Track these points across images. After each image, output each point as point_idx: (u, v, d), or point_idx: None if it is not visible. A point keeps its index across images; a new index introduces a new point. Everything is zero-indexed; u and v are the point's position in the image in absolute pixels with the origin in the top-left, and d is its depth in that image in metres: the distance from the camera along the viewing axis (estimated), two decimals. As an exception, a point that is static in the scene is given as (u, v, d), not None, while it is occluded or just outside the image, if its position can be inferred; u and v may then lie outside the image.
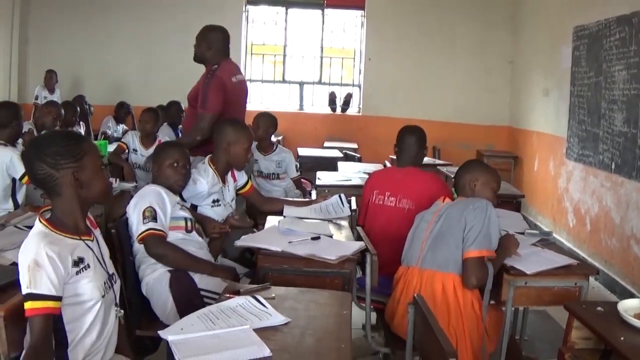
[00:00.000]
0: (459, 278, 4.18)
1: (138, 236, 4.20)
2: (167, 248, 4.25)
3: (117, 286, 3.20)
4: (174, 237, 4.33)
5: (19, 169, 5.57)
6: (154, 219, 4.21)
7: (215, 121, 5.69)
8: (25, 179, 5.62)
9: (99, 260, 3.10)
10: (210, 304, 3.62)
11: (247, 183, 5.54)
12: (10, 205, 5.83)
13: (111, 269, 3.21)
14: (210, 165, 5.22)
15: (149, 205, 4.23)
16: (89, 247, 3.06)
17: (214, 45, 5.99)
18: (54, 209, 3.01)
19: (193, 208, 5.00)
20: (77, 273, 2.91)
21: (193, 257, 4.37)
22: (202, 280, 4.29)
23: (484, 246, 4.12)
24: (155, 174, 4.66)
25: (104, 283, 3.05)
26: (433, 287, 4.18)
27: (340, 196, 5.38)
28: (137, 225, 4.21)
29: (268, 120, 7.73)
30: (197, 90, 5.96)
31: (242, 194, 5.58)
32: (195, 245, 4.47)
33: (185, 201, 4.96)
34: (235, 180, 5.44)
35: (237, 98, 6.10)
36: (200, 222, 4.81)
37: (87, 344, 2.96)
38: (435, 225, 4.35)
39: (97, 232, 3.27)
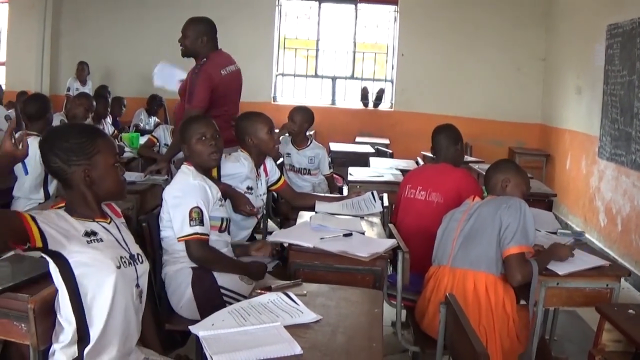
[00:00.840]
0: (492, 277, 4.16)
1: (182, 237, 4.15)
2: (210, 253, 4.22)
3: (140, 267, 3.17)
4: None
5: None
6: (201, 222, 4.13)
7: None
8: None
9: (116, 240, 3.11)
10: (229, 302, 3.64)
11: (279, 179, 5.50)
12: (41, 195, 5.85)
13: (134, 250, 3.20)
14: (248, 157, 5.20)
15: (196, 206, 4.14)
16: (103, 227, 3.09)
17: (203, 38, 5.92)
18: (67, 199, 3.05)
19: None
20: (87, 243, 2.94)
21: (232, 261, 4.39)
22: (221, 278, 4.28)
23: (523, 242, 4.09)
24: (187, 154, 4.58)
25: (121, 257, 3.04)
26: (464, 286, 4.16)
27: (372, 192, 5.36)
28: (182, 224, 4.13)
29: (304, 115, 7.60)
30: (185, 84, 5.96)
31: (275, 190, 5.58)
32: (224, 244, 4.47)
33: (220, 178, 4.93)
34: (267, 175, 5.42)
35: (227, 90, 6.03)
36: (231, 197, 4.85)
37: (105, 320, 2.95)
38: (466, 224, 4.33)
39: (120, 221, 3.29)
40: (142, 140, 8.64)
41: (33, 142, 5.89)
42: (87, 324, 2.92)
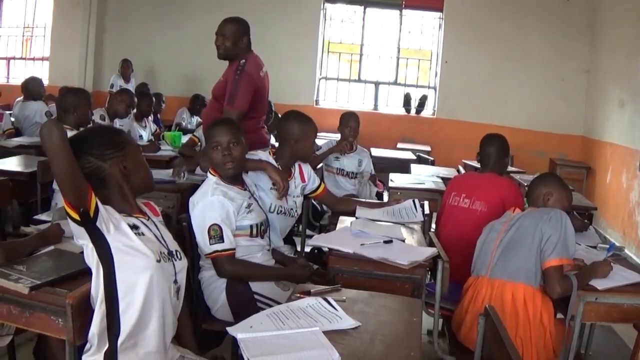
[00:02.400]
0: (530, 289, 4.12)
1: (206, 255, 4.16)
2: (237, 266, 4.21)
3: (178, 264, 3.20)
4: (237, 243, 4.27)
5: None
6: (220, 238, 4.11)
7: (241, 119, 5.60)
8: None
9: (155, 236, 3.14)
10: (263, 309, 3.63)
11: (319, 186, 5.41)
12: None
13: (173, 247, 3.23)
14: (272, 157, 5.13)
15: (213, 223, 4.12)
16: (142, 222, 3.13)
17: (243, 38, 5.84)
18: (103, 200, 3.01)
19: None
20: (135, 234, 2.99)
21: (266, 270, 4.39)
22: (255, 285, 4.27)
23: (564, 255, 4.06)
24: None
25: (161, 252, 3.07)
26: (503, 297, 4.13)
27: (414, 201, 5.32)
28: (204, 244, 4.13)
29: (357, 120, 7.69)
30: (222, 84, 5.84)
31: (315, 197, 5.52)
32: (259, 249, 4.45)
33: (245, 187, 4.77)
34: (304, 181, 5.32)
35: (264, 92, 5.99)
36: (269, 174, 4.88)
37: (140, 312, 2.97)
38: (506, 235, 4.31)
39: (157, 219, 3.33)
40: (184, 139, 8.66)
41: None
42: (119, 312, 2.94)
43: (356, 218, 4.98)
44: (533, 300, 4.12)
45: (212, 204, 4.19)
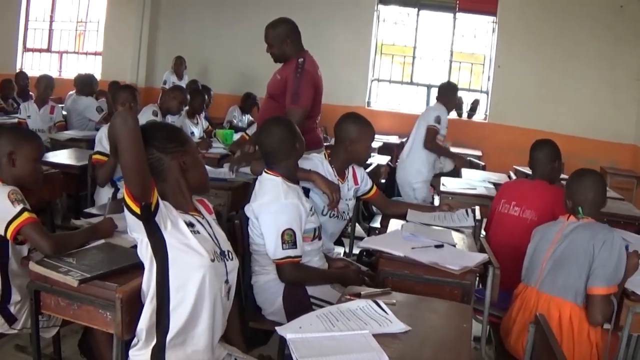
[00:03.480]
0: (577, 308, 4.07)
1: (275, 259, 4.13)
2: (302, 273, 4.22)
3: (230, 264, 3.21)
4: None
5: None
6: (294, 244, 4.10)
7: (305, 116, 5.66)
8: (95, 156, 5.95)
9: (209, 235, 3.16)
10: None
11: (371, 188, 5.36)
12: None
13: (225, 247, 3.24)
14: (326, 159, 5.08)
15: (289, 227, 4.09)
16: (198, 221, 3.15)
17: (286, 40, 5.85)
18: (161, 193, 3.03)
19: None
20: (191, 232, 3.02)
21: (322, 273, 4.40)
22: (312, 287, 4.27)
23: (613, 283, 3.98)
24: (279, 159, 4.45)
25: (214, 252, 3.09)
26: (549, 313, 4.04)
27: (467, 210, 5.25)
28: (275, 247, 4.10)
29: None
30: (279, 82, 5.87)
31: (367, 199, 5.47)
32: (316, 252, 4.44)
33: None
34: (357, 183, 5.27)
35: (321, 92, 5.99)
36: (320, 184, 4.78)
37: (191, 311, 2.98)
38: (559, 247, 4.22)
39: (210, 218, 3.34)
40: (236, 137, 8.67)
41: (101, 129, 6.05)
42: (169, 309, 2.96)
43: (407, 221, 4.94)
44: (579, 319, 4.07)
45: (287, 207, 4.18)
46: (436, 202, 6.82)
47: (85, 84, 10.45)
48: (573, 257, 4.11)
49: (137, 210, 2.83)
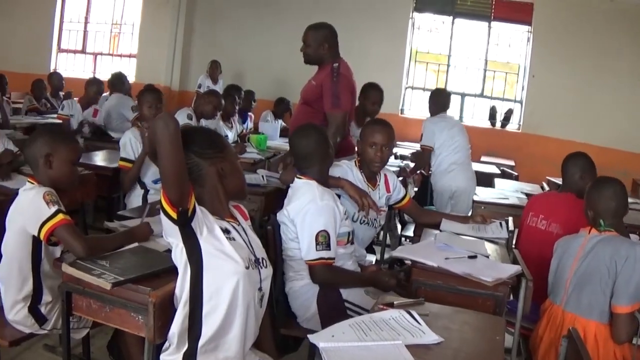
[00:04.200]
0: (602, 326, 4.05)
1: (308, 260, 4.13)
2: (334, 275, 4.21)
3: (264, 271, 3.21)
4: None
5: None
6: (328, 245, 4.10)
7: (346, 119, 5.71)
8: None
9: (244, 241, 3.15)
10: (351, 316, 3.60)
11: (404, 197, 5.30)
12: (159, 186, 5.97)
13: (259, 254, 3.23)
14: (356, 166, 5.05)
15: (323, 229, 4.10)
16: (233, 227, 3.14)
17: (324, 45, 5.89)
18: (198, 198, 3.03)
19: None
20: (227, 238, 3.01)
21: (355, 276, 4.39)
22: (346, 292, 4.25)
23: (637, 299, 3.95)
24: (317, 162, 4.47)
25: (249, 259, 3.08)
26: (574, 332, 4.06)
27: (501, 223, 5.21)
28: (309, 248, 4.10)
29: None
30: (314, 88, 5.89)
31: (400, 207, 5.42)
32: (349, 257, 4.44)
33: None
34: (389, 191, 5.21)
35: (355, 96, 6.09)
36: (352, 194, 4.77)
37: (224, 317, 2.98)
38: (582, 262, 4.19)
39: (246, 224, 3.34)
40: (269, 143, 8.70)
41: (125, 134, 6.09)
42: (202, 315, 2.96)
43: (440, 231, 4.92)
44: (605, 339, 4.05)
45: (323, 209, 4.17)
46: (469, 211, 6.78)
47: (117, 79, 10.52)
48: (596, 274, 4.08)
49: (174, 215, 2.83)
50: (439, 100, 8.35)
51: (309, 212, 4.15)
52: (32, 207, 3.55)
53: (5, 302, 3.77)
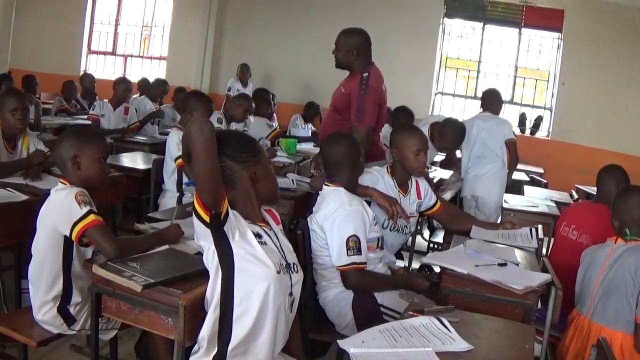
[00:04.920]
0: (629, 337, 4.03)
1: (339, 266, 4.13)
2: (367, 279, 4.20)
3: (295, 276, 3.20)
4: None
5: None
6: (359, 250, 4.09)
7: (369, 134, 5.66)
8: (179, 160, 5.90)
9: (276, 246, 3.15)
10: (387, 320, 3.59)
11: (435, 203, 5.25)
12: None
13: (291, 259, 3.23)
14: (388, 173, 5.03)
15: (353, 234, 4.09)
16: (265, 232, 3.14)
17: (353, 51, 5.82)
18: (231, 202, 3.04)
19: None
20: (259, 243, 3.01)
21: (389, 280, 4.38)
22: (381, 296, 4.24)
23: None
24: (343, 172, 4.45)
25: (280, 264, 3.07)
26: (600, 343, 4.03)
27: (531, 229, 5.19)
28: (339, 253, 4.10)
29: None
30: (344, 96, 5.86)
31: (431, 214, 5.38)
32: (379, 260, 4.43)
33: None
34: (420, 197, 5.17)
35: (385, 105, 6.02)
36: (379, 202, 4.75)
37: (254, 321, 2.98)
38: (608, 272, 4.17)
39: (278, 228, 3.33)
40: (299, 147, 8.72)
41: (173, 134, 6.12)
42: (233, 319, 2.96)
43: (470, 238, 4.91)
44: (631, 351, 4.02)
45: (351, 214, 4.17)
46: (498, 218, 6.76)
47: (146, 86, 10.62)
48: (622, 284, 4.07)
49: (207, 218, 2.84)
50: (501, 100, 8.76)
51: (338, 218, 4.15)
52: (64, 207, 3.56)
53: (34, 302, 3.78)
